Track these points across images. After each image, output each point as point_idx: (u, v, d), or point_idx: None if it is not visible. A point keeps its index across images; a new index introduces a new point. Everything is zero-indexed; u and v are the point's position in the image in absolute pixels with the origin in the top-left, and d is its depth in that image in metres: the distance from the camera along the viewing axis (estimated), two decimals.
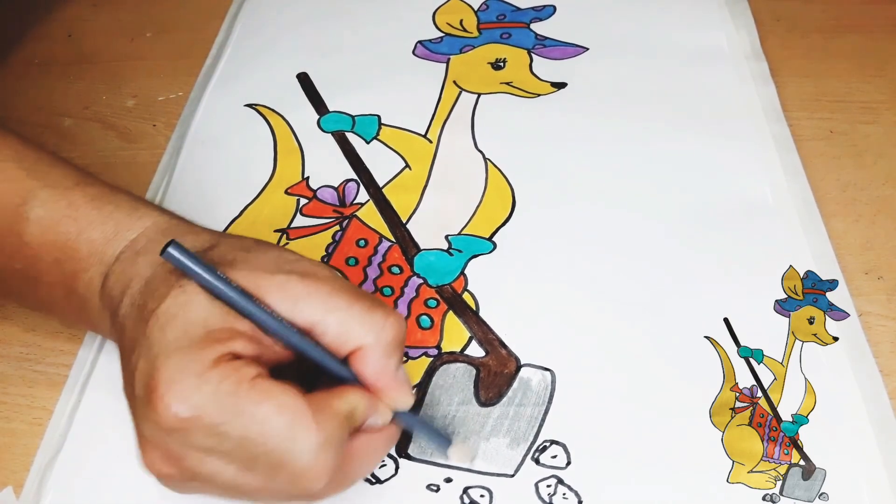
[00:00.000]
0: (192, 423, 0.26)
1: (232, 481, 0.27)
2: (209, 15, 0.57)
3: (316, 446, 0.26)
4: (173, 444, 0.26)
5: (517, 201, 0.44)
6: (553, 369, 0.37)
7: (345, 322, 0.28)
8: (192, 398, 0.25)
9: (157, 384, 0.26)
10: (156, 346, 0.27)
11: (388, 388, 0.29)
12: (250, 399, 0.26)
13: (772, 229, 0.42)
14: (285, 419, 0.26)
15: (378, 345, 0.28)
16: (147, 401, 0.26)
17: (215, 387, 0.26)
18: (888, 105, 0.49)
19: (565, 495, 0.33)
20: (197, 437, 0.26)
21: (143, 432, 0.27)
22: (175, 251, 0.27)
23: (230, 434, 0.26)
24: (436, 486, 0.34)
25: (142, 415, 0.27)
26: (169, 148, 0.48)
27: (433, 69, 0.51)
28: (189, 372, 0.26)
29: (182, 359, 0.26)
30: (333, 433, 0.27)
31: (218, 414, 0.26)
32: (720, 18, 0.54)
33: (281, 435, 0.26)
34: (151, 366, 0.26)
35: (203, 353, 0.26)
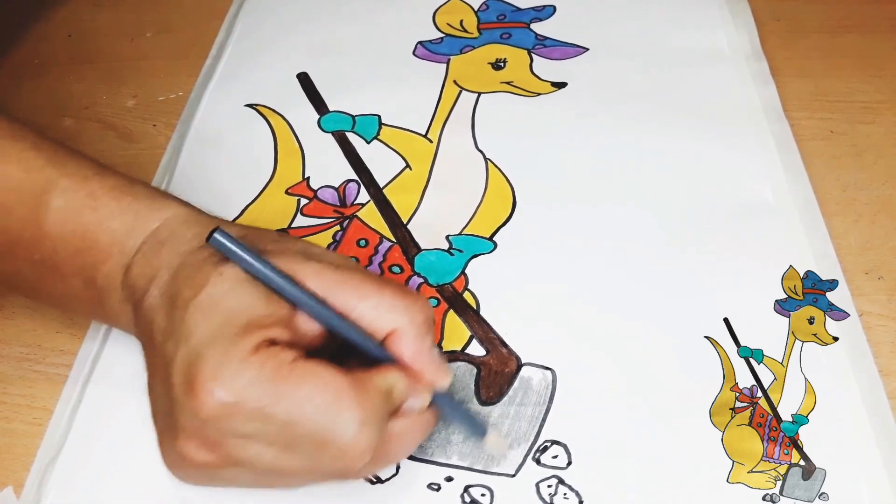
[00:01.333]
0: (235, 409, 0.26)
1: (272, 464, 0.27)
2: (209, 15, 0.57)
3: (359, 422, 0.27)
4: (213, 431, 0.27)
5: (517, 201, 0.44)
6: (554, 369, 0.37)
7: (378, 307, 0.29)
8: (235, 383, 0.26)
9: (198, 371, 0.26)
10: (196, 334, 0.27)
11: (426, 368, 0.30)
12: (292, 380, 0.26)
13: (772, 229, 0.42)
14: (328, 397, 0.27)
15: (412, 325, 0.29)
16: (188, 388, 0.26)
17: (257, 371, 0.26)
18: (888, 105, 0.49)
19: (566, 495, 0.33)
20: (239, 423, 0.26)
21: (181, 421, 0.27)
22: (222, 237, 0.28)
23: (274, 417, 0.26)
24: (437, 486, 0.34)
25: (181, 403, 0.27)
26: (169, 148, 0.48)
27: (433, 70, 0.51)
28: (231, 358, 0.26)
29: (224, 346, 0.26)
30: (375, 409, 0.27)
31: (261, 398, 0.26)
32: (720, 18, 0.54)
33: (324, 413, 0.26)
34: (193, 353, 0.27)
35: (244, 340, 0.27)
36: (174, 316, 0.28)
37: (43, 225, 0.32)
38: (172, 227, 0.32)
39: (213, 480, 0.30)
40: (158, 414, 0.30)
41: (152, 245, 0.31)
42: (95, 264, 0.32)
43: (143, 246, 0.31)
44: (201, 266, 0.29)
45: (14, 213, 0.32)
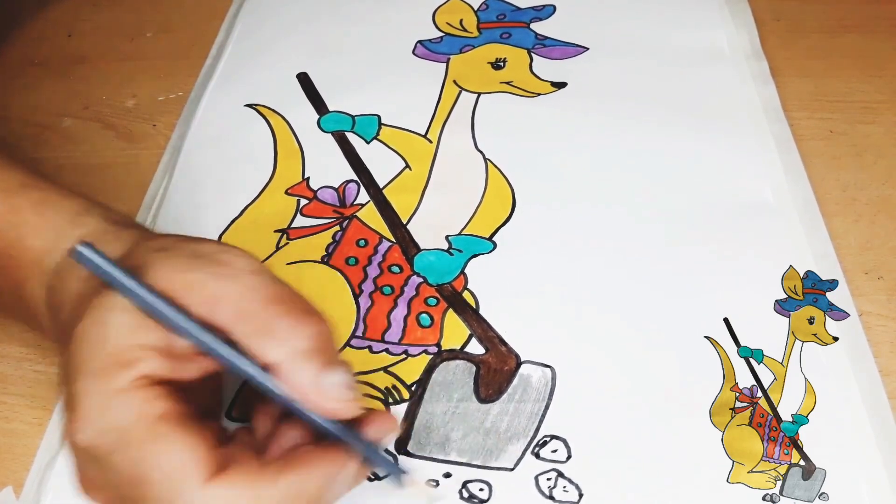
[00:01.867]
0: (89, 451, 0.25)
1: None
2: (209, 15, 0.57)
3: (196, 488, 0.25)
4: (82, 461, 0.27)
5: (517, 201, 0.44)
6: (553, 366, 0.37)
7: (253, 334, 0.26)
8: (90, 428, 0.25)
9: (69, 408, 0.26)
10: (72, 369, 0.26)
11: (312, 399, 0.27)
12: (146, 435, 0.25)
13: (772, 229, 0.42)
14: (173, 466, 0.25)
15: (292, 358, 0.26)
16: (66, 423, 0.26)
17: (114, 416, 0.25)
18: (888, 105, 0.49)
19: (566, 488, 0.33)
20: (96, 465, 0.26)
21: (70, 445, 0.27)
22: (84, 250, 0.26)
23: (119, 467, 0.25)
24: (435, 482, 0.34)
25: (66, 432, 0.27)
26: (169, 148, 0.48)
27: (433, 69, 0.51)
28: (94, 399, 0.25)
29: (89, 384, 0.25)
30: (228, 496, 0.25)
31: (110, 444, 0.25)
32: (720, 18, 0.54)
33: (165, 482, 0.25)
34: (68, 389, 0.26)
35: (110, 380, 0.25)
36: (66, 349, 0.27)
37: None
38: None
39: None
40: None
41: (66, 266, 0.29)
42: (19, 282, 0.31)
43: (58, 266, 0.30)
44: (89, 295, 0.27)
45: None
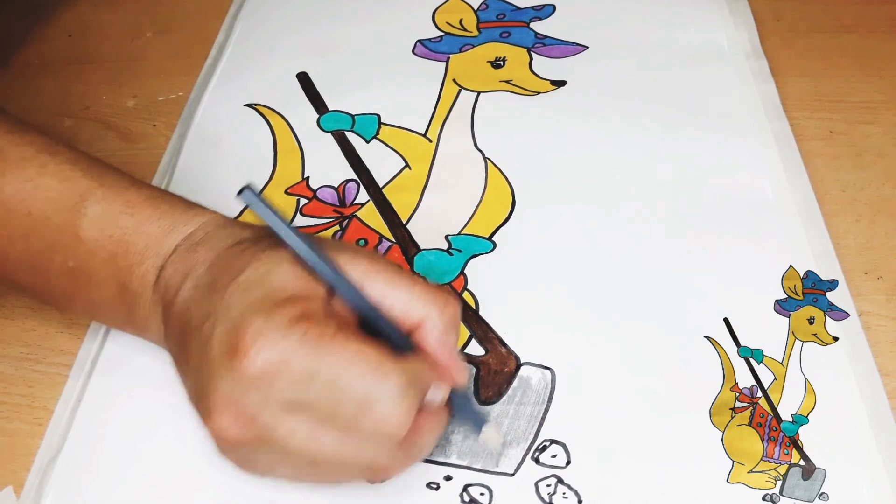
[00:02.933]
0: (279, 370, 0.26)
1: (307, 440, 0.27)
2: (209, 15, 0.57)
3: (400, 389, 0.27)
4: (254, 398, 0.27)
5: (517, 201, 0.44)
6: (553, 368, 0.37)
7: (409, 299, 0.30)
8: (280, 345, 0.26)
9: (242, 336, 0.27)
10: (236, 308, 0.28)
11: (449, 362, 0.30)
12: (335, 345, 0.27)
13: (772, 229, 0.42)
14: (370, 363, 0.27)
15: (440, 320, 0.30)
16: (232, 353, 0.27)
17: (301, 335, 0.27)
18: (888, 105, 0.49)
19: (565, 494, 0.33)
20: (282, 385, 0.26)
21: (219, 391, 0.27)
22: (251, 193, 0.28)
23: (318, 377, 0.26)
24: (436, 485, 0.34)
25: (222, 372, 0.27)
26: (169, 148, 0.48)
27: (433, 68, 0.51)
28: (275, 323, 0.27)
29: (266, 314, 0.27)
30: (412, 381, 0.28)
31: (306, 358, 0.26)
32: (720, 17, 0.54)
33: (367, 377, 0.27)
34: (234, 324, 0.27)
35: (286, 309, 0.27)
36: (212, 299, 0.29)
37: (79, 231, 0.32)
38: (208, 230, 0.32)
39: (252, 465, 0.30)
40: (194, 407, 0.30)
41: (188, 246, 0.32)
42: (130, 268, 0.32)
43: (178, 247, 0.32)
44: (240, 255, 0.30)
45: (51, 222, 0.33)
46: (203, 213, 0.33)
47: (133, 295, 0.33)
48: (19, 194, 0.33)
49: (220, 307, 0.28)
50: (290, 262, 0.29)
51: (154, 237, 0.32)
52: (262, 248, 0.30)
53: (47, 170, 0.33)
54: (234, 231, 0.32)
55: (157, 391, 0.37)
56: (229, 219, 0.33)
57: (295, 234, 0.29)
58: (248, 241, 0.31)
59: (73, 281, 0.33)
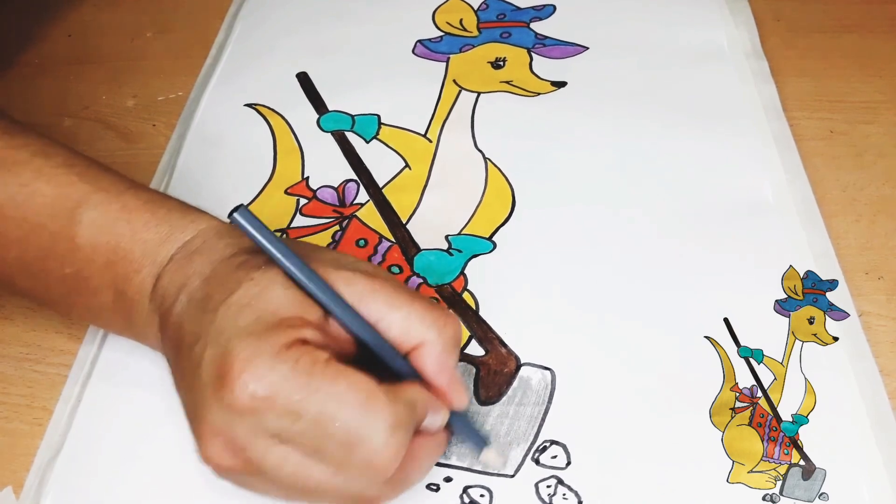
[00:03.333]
0: (267, 402, 0.26)
1: (295, 472, 0.27)
2: (209, 15, 0.57)
3: (390, 425, 0.26)
4: (242, 430, 0.26)
5: (517, 201, 0.44)
6: (553, 368, 0.37)
7: (407, 319, 0.29)
8: (269, 376, 0.26)
9: (231, 365, 0.26)
10: (227, 332, 0.27)
11: (448, 386, 0.30)
12: (326, 377, 0.26)
13: (772, 229, 0.42)
14: (360, 397, 0.26)
15: (439, 341, 0.29)
16: (220, 384, 0.26)
17: (291, 366, 0.26)
18: (888, 105, 0.49)
19: (565, 496, 0.33)
20: (270, 419, 0.26)
21: (208, 420, 0.27)
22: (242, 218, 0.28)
23: (306, 411, 0.26)
24: (436, 486, 0.34)
25: (210, 401, 0.26)
26: (169, 148, 0.48)
27: (433, 68, 0.51)
28: (264, 352, 0.26)
29: (256, 341, 0.26)
30: (404, 416, 0.27)
31: (294, 391, 0.26)
32: (720, 18, 0.54)
33: (356, 413, 0.26)
34: (224, 349, 0.26)
35: (277, 337, 0.26)
36: (204, 319, 0.28)
37: (75, 237, 0.32)
38: (206, 238, 0.32)
39: (244, 487, 0.29)
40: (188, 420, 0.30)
41: (185, 255, 0.31)
42: (127, 275, 0.32)
43: (175, 256, 0.31)
44: (234, 272, 0.29)
45: (46, 229, 0.32)
46: (201, 220, 0.33)
47: (130, 302, 0.32)
48: (14, 200, 0.32)
49: (210, 329, 0.27)
50: (283, 282, 0.28)
51: (151, 244, 0.32)
52: (258, 264, 0.29)
53: (42, 174, 0.32)
54: (230, 241, 0.31)
55: (157, 392, 0.37)
56: (227, 226, 0.33)
57: (289, 257, 0.28)
58: (245, 252, 0.30)
59: (71, 287, 0.33)
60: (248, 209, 0.28)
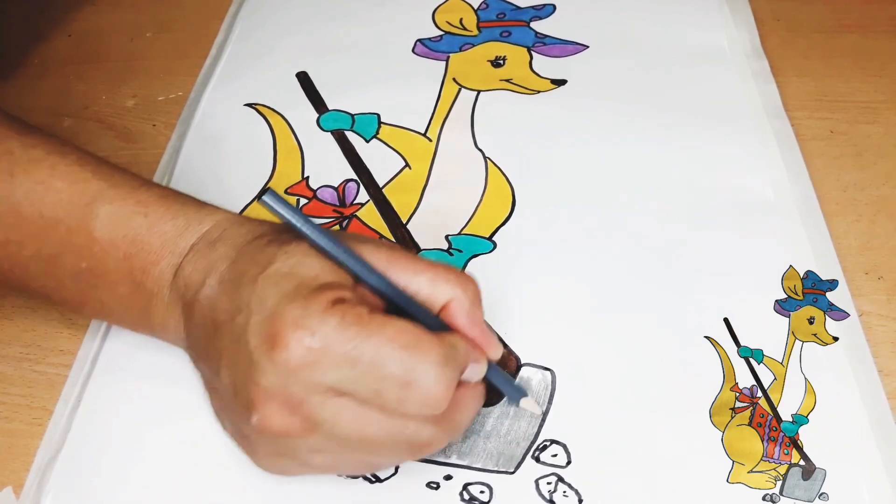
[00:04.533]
0: (323, 354, 0.27)
1: (352, 423, 0.28)
2: (209, 15, 0.57)
3: (440, 362, 0.27)
4: (298, 387, 0.27)
5: (517, 200, 0.44)
6: (553, 369, 0.37)
7: (433, 280, 0.30)
8: (321, 329, 0.27)
9: (283, 325, 0.27)
10: (271, 299, 0.28)
11: (482, 337, 0.31)
12: (373, 325, 0.27)
13: (772, 229, 0.42)
14: (410, 338, 0.27)
15: (466, 297, 0.30)
16: (272, 345, 0.27)
17: (339, 319, 0.27)
18: (889, 105, 0.49)
19: (566, 493, 0.33)
20: (326, 371, 0.27)
21: (262, 384, 0.27)
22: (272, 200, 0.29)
23: (361, 357, 0.27)
24: (435, 484, 0.34)
25: (263, 365, 0.27)
26: (169, 148, 0.48)
27: (433, 67, 0.51)
28: (312, 310, 0.27)
29: (303, 301, 0.27)
30: (450, 354, 0.28)
31: (347, 340, 0.27)
32: (720, 17, 0.54)
33: (408, 354, 0.27)
34: (271, 313, 0.27)
35: (321, 297, 0.27)
36: (241, 293, 0.29)
37: (92, 231, 0.32)
38: (224, 227, 0.32)
39: (291, 459, 0.30)
40: (226, 403, 0.30)
41: (205, 244, 0.32)
42: (145, 267, 0.32)
43: (195, 245, 0.32)
44: (264, 249, 0.30)
45: (62, 224, 0.33)
46: (216, 212, 0.34)
47: (148, 294, 0.33)
48: (30, 196, 0.33)
49: (252, 299, 0.28)
50: (314, 254, 0.29)
51: (169, 236, 0.32)
52: (286, 240, 0.30)
53: (57, 171, 0.33)
54: (251, 227, 0.32)
55: (157, 391, 0.37)
56: (242, 216, 0.33)
57: (320, 231, 0.29)
58: (268, 234, 0.31)
59: (86, 282, 0.33)
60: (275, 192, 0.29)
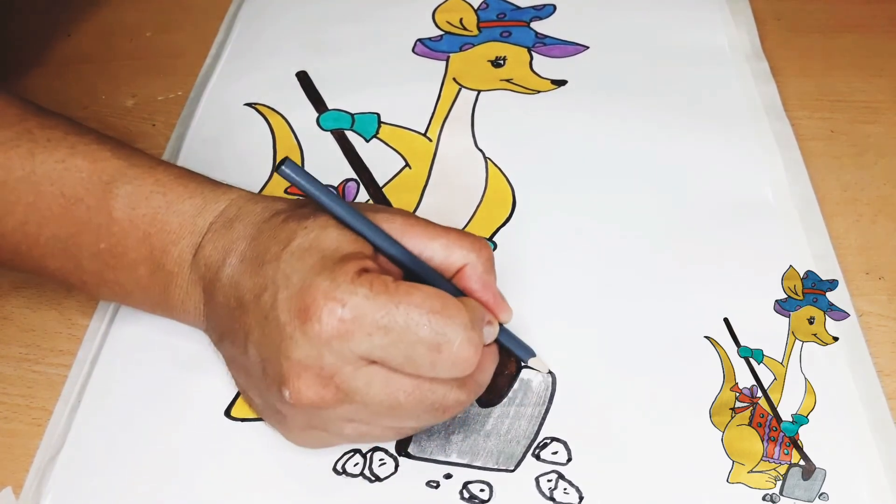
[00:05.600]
0: (356, 323, 0.27)
1: (384, 388, 0.28)
2: (209, 15, 0.57)
3: (467, 324, 0.29)
4: (331, 358, 0.28)
5: (517, 201, 0.44)
6: (553, 369, 0.37)
7: (447, 247, 0.31)
8: (351, 300, 0.27)
9: (312, 299, 0.27)
10: (297, 273, 0.28)
11: (494, 300, 0.32)
12: (401, 292, 0.28)
13: (772, 229, 0.42)
14: (438, 303, 0.28)
15: (479, 262, 0.32)
16: (304, 318, 0.27)
17: (368, 288, 0.28)
18: (889, 105, 0.49)
19: (566, 490, 0.33)
20: (358, 340, 0.27)
21: (294, 357, 0.28)
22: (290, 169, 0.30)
23: (393, 324, 0.28)
24: (435, 483, 0.34)
25: (295, 338, 0.28)
26: (168, 148, 0.48)
27: (433, 67, 0.51)
28: (340, 282, 0.28)
29: (330, 274, 0.28)
30: (475, 316, 0.30)
31: (377, 310, 0.27)
32: (721, 18, 0.54)
33: (437, 316, 0.28)
34: (300, 287, 0.28)
35: (346, 268, 0.28)
36: (265, 270, 0.29)
37: (112, 211, 0.33)
38: (240, 205, 0.33)
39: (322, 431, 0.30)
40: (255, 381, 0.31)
41: (223, 223, 0.32)
42: (164, 247, 0.33)
43: (212, 225, 0.33)
44: (282, 225, 0.31)
45: (83, 202, 0.33)
46: (231, 190, 0.34)
47: (168, 275, 0.33)
48: (51, 175, 0.33)
49: (277, 276, 0.29)
50: (335, 225, 0.30)
51: (187, 216, 0.33)
52: (304, 215, 0.31)
53: (77, 150, 0.33)
54: (267, 205, 0.33)
55: (156, 392, 0.37)
56: (258, 194, 0.34)
57: (337, 201, 0.30)
58: (285, 211, 0.32)
59: (104, 263, 0.34)
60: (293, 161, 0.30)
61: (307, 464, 0.34)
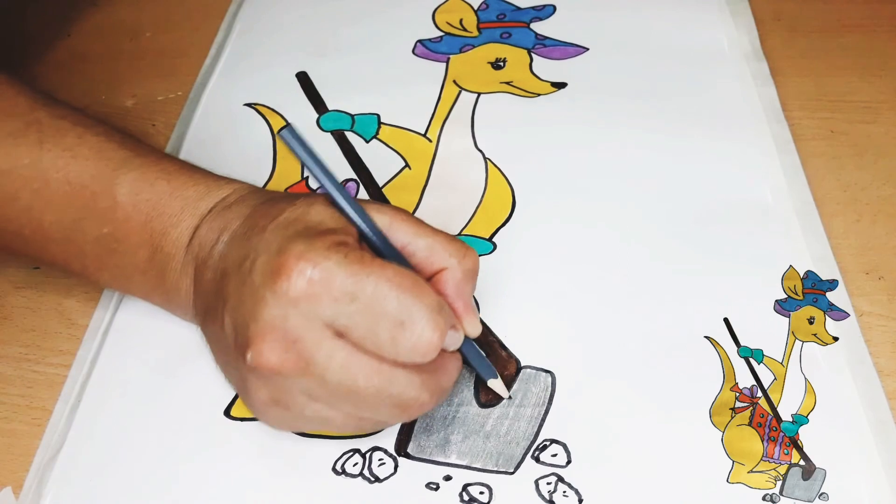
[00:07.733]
0: (324, 286, 0.27)
1: (344, 367, 0.28)
2: (209, 14, 0.57)
3: (434, 308, 0.29)
4: (297, 320, 0.28)
5: (517, 201, 0.44)
6: (553, 370, 0.37)
7: (431, 247, 0.31)
8: (323, 262, 0.28)
9: (286, 258, 0.28)
10: (278, 240, 0.29)
11: (464, 311, 0.32)
12: (375, 265, 0.28)
13: (772, 229, 0.42)
14: (408, 281, 0.28)
15: (459, 269, 0.32)
16: (275, 277, 0.28)
17: (342, 256, 0.28)
18: (889, 105, 0.49)
19: (566, 493, 0.33)
20: (326, 304, 0.27)
21: (262, 317, 0.28)
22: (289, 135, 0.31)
23: (361, 292, 0.28)
24: (435, 485, 0.34)
25: (265, 298, 0.28)
26: (168, 148, 0.48)
27: (433, 68, 0.51)
28: (316, 247, 0.28)
29: (308, 239, 0.28)
30: (443, 304, 0.29)
31: (347, 278, 0.28)
32: (720, 18, 0.54)
33: (406, 292, 0.28)
34: (276, 251, 0.28)
35: (326, 238, 0.29)
36: (251, 241, 0.30)
37: (116, 196, 0.34)
38: (241, 193, 0.34)
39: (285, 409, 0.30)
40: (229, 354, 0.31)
41: (223, 206, 0.33)
42: (165, 230, 0.34)
43: (213, 208, 0.34)
44: (275, 204, 0.31)
45: (88, 188, 0.34)
46: (234, 182, 0.35)
47: (165, 257, 0.34)
48: (58, 163, 0.34)
49: (260, 244, 0.29)
50: (324, 204, 0.31)
51: (191, 200, 0.34)
52: (297, 196, 0.32)
53: (85, 140, 0.34)
54: (266, 193, 0.34)
55: (156, 392, 0.37)
56: (260, 187, 0.35)
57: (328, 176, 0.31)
58: (283, 197, 0.33)
59: (106, 247, 0.34)
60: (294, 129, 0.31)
61: (307, 464, 0.34)
